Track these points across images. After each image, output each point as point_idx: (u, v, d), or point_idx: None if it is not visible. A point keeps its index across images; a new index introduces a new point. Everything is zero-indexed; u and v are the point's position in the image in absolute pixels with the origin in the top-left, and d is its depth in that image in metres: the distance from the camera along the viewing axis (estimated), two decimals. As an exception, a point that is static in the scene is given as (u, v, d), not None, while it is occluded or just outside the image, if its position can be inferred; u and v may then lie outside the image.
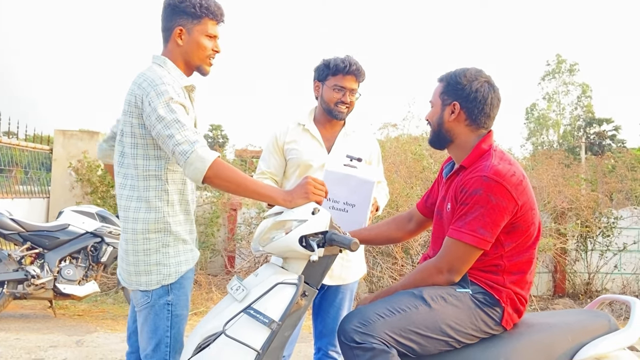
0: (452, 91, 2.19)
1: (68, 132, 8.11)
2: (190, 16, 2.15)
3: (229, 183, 1.99)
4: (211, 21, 2.19)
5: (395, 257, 6.53)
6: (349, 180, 2.57)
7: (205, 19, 2.17)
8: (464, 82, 2.16)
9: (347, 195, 2.59)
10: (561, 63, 40.54)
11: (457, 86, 2.17)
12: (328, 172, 2.57)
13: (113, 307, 6.13)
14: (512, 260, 2.08)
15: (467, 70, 2.19)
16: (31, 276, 5.24)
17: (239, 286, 1.98)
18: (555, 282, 7.48)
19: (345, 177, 2.57)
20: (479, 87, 2.15)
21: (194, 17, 2.15)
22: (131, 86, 2.09)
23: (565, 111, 40.76)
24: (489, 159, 2.08)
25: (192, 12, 2.14)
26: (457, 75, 2.19)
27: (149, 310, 2.07)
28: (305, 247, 1.92)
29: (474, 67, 2.22)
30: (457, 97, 2.17)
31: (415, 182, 6.97)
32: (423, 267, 2.14)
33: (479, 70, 2.21)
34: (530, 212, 2.08)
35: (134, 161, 2.07)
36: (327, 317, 2.86)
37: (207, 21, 2.18)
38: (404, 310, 2.00)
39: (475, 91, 2.15)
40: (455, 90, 2.18)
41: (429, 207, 2.45)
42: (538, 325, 2.13)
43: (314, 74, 2.90)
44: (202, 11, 2.15)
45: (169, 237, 2.09)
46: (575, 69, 40.44)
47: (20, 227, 5.37)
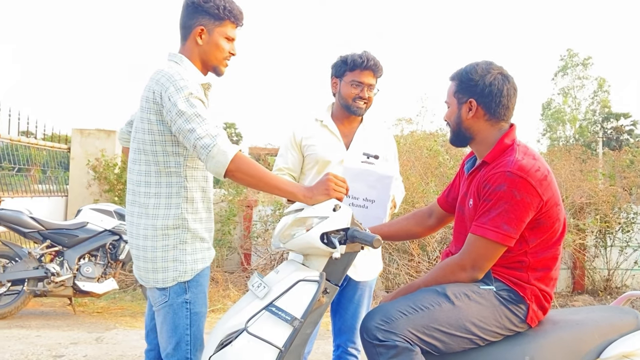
0: (465, 88, 2.16)
1: (85, 130, 8.18)
2: (212, 17, 2.16)
3: (251, 177, 1.99)
4: (232, 24, 2.21)
5: (412, 254, 6.50)
6: (368, 175, 2.56)
7: (226, 21, 2.18)
8: (476, 77, 2.13)
9: (366, 191, 2.58)
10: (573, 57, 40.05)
11: (470, 82, 2.14)
12: (347, 169, 2.56)
13: (131, 304, 6.17)
14: (537, 257, 2.05)
15: (477, 65, 2.16)
16: (51, 274, 5.29)
17: (260, 283, 1.97)
18: (574, 279, 7.40)
19: (364, 172, 2.56)
20: (492, 80, 2.12)
21: (216, 19, 2.16)
22: (148, 83, 2.09)
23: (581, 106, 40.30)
24: (513, 154, 2.04)
25: (215, 13, 2.15)
26: (468, 71, 2.16)
27: (167, 309, 2.07)
28: (327, 244, 1.91)
29: (484, 60, 2.19)
30: (472, 94, 2.14)
31: (430, 178, 6.93)
32: (445, 264, 2.12)
33: (490, 63, 2.17)
34: (555, 207, 2.04)
35: (154, 158, 2.07)
36: (346, 314, 2.85)
37: (228, 24, 2.19)
38: (427, 307, 1.98)
39: (489, 85, 2.11)
40: (468, 87, 2.15)
41: (450, 202, 2.42)
42: (564, 322, 2.10)
43: (331, 70, 2.88)
44: (225, 13, 2.16)
45: (187, 234, 2.09)
46: (588, 62, 39.93)
47: (40, 226, 5.43)
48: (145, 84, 2.12)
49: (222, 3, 2.16)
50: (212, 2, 2.14)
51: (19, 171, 7.25)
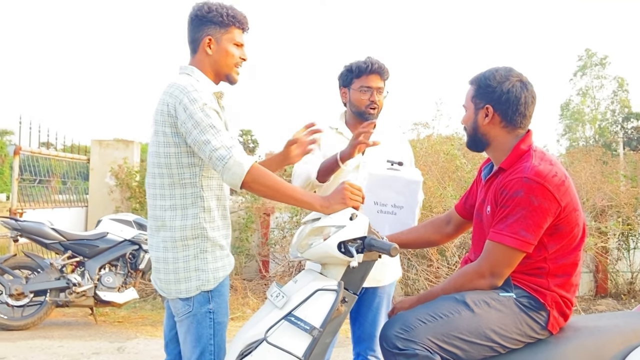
0: (483, 94, 2.15)
1: (104, 141, 8.28)
2: (218, 25, 2.18)
3: (267, 188, 2.00)
4: (238, 30, 2.22)
5: (431, 259, 6.46)
6: (395, 182, 2.55)
7: (232, 28, 2.20)
8: (494, 84, 2.11)
9: (394, 197, 2.57)
10: (591, 57, 39.61)
11: (488, 89, 2.13)
12: (372, 176, 2.55)
13: (152, 313, 6.21)
14: (557, 263, 2.03)
15: (496, 72, 2.14)
16: (72, 284, 5.36)
17: (279, 293, 1.98)
18: (597, 282, 7.30)
19: (391, 179, 2.55)
20: (510, 88, 2.10)
21: (222, 26, 2.18)
22: (162, 96, 2.11)
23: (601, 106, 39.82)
24: (529, 159, 2.03)
25: (220, 21, 2.17)
26: (487, 77, 2.14)
27: (191, 319, 2.08)
28: (344, 253, 1.91)
29: (504, 66, 2.17)
30: (489, 100, 2.13)
31: (448, 182, 6.89)
32: (464, 271, 2.10)
33: (509, 69, 2.15)
34: (574, 213, 2.02)
35: (168, 170, 2.09)
36: (365, 322, 2.84)
37: (234, 30, 2.21)
38: (446, 315, 1.97)
39: (507, 92, 2.10)
40: (486, 93, 2.14)
41: (468, 209, 2.41)
42: (586, 328, 2.07)
43: (338, 81, 2.90)
44: (229, 20, 2.18)
45: (207, 243, 2.11)
46: (605, 62, 39.44)
47: (61, 236, 5.50)
48: (158, 97, 2.14)
49: (225, 10, 2.17)
50: (214, 11, 2.17)
51: (39, 182, 7.35)
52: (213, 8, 2.17)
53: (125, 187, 7.99)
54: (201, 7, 2.19)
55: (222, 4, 2.20)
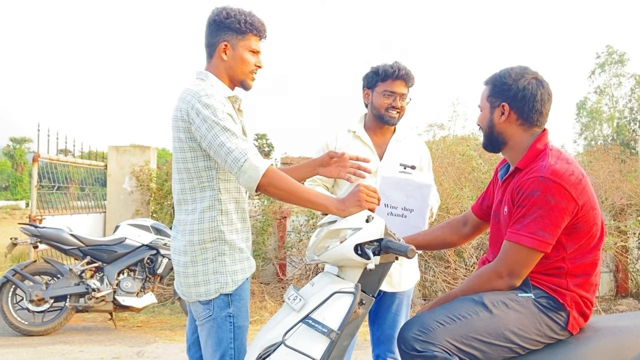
0: (499, 92, 2.14)
1: (121, 148, 8.36)
2: (235, 32, 2.19)
3: (282, 191, 2.00)
4: (255, 37, 2.23)
5: (448, 261, 6.44)
6: (406, 185, 2.56)
7: (249, 35, 2.21)
8: (510, 81, 2.11)
9: (405, 201, 2.57)
10: (611, 54, 39.12)
11: (504, 87, 2.12)
12: (384, 178, 2.55)
13: (170, 318, 6.25)
14: (576, 263, 2.01)
15: (512, 70, 2.14)
16: (92, 289, 5.41)
17: (296, 296, 1.98)
18: (617, 282, 7.22)
19: (403, 182, 2.56)
20: (526, 85, 2.09)
21: (239, 33, 2.19)
22: (176, 102, 2.13)
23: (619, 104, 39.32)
24: (545, 158, 2.01)
25: (237, 28, 2.18)
26: (502, 75, 2.14)
27: (211, 323, 2.10)
28: (361, 255, 1.91)
29: (519, 65, 2.17)
30: (505, 98, 2.12)
31: (464, 183, 6.86)
32: (482, 272, 2.09)
33: (525, 68, 2.15)
34: (592, 212, 2.00)
35: (187, 175, 2.11)
36: (384, 324, 2.84)
37: (251, 37, 2.22)
38: (464, 317, 1.96)
39: (522, 89, 2.09)
40: (502, 91, 2.13)
41: (484, 210, 2.40)
42: (606, 328, 2.05)
43: (362, 81, 2.89)
44: (246, 27, 2.19)
45: (224, 245, 2.12)
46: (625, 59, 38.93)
47: (80, 242, 5.56)
48: (174, 104, 2.16)
49: (243, 17, 2.18)
50: (233, 17, 2.17)
51: (58, 189, 7.44)
52: (232, 14, 2.18)
53: (145, 190, 8.07)
54: (220, 12, 2.20)
55: (242, 10, 2.21)
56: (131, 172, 8.16)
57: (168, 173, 8.02)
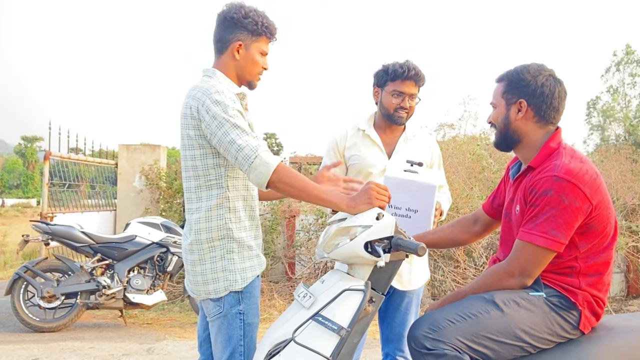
0: (516, 89, 2.12)
1: (131, 146, 8.40)
2: (250, 32, 2.19)
3: (293, 188, 1.99)
4: (267, 39, 2.25)
5: (458, 260, 6.42)
6: (410, 185, 2.53)
7: (262, 37, 2.22)
8: (529, 77, 2.09)
9: (409, 201, 2.55)
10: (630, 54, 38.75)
11: (522, 83, 2.10)
12: (388, 179, 2.54)
13: (180, 315, 6.28)
14: (588, 262, 2.00)
15: (529, 66, 2.12)
16: (102, 287, 5.45)
17: (306, 293, 1.98)
18: (628, 282, 7.16)
19: (406, 182, 2.53)
20: (544, 82, 2.08)
21: (254, 34, 2.20)
22: (185, 99, 2.13)
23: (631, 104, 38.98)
24: (559, 157, 2.00)
25: (254, 29, 2.19)
26: (520, 72, 2.12)
27: (222, 320, 2.10)
28: (371, 253, 1.90)
29: (534, 62, 2.15)
30: (523, 94, 2.10)
31: (474, 182, 6.84)
32: (493, 271, 2.08)
33: (541, 65, 2.13)
34: (606, 211, 1.99)
35: (194, 172, 2.12)
36: (394, 323, 2.83)
37: (263, 39, 2.23)
38: (475, 315, 1.95)
39: (541, 86, 2.07)
40: (519, 87, 2.11)
41: (495, 208, 2.38)
42: (618, 328, 2.03)
43: (373, 79, 2.88)
44: (262, 29, 2.20)
45: (233, 243, 2.12)
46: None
47: (90, 240, 5.59)
48: (182, 101, 2.16)
49: (260, 19, 2.19)
50: (250, 17, 2.17)
51: (69, 187, 7.49)
52: (250, 14, 2.18)
53: (155, 188, 8.11)
54: (238, 10, 2.19)
55: (257, 11, 2.21)
56: (141, 171, 8.20)
57: (177, 172, 8.06)
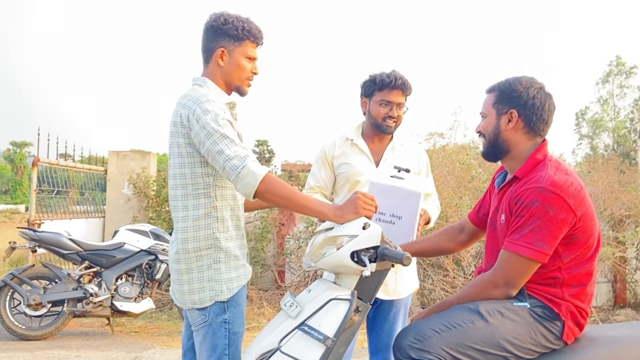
0: (507, 99, 2.15)
1: (121, 153, 8.38)
2: (232, 38, 2.19)
3: (280, 198, 2.00)
4: (252, 44, 2.24)
5: (447, 269, 6.43)
6: (395, 192, 2.54)
7: (246, 42, 2.22)
8: (521, 89, 2.12)
9: (393, 207, 2.56)
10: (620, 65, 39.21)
11: (513, 94, 2.13)
12: (373, 184, 2.55)
13: (168, 324, 6.24)
14: (571, 273, 2.02)
15: (520, 78, 2.16)
16: (90, 294, 5.41)
17: (293, 302, 1.98)
18: (615, 292, 7.21)
19: (391, 188, 2.54)
20: (535, 94, 2.11)
21: (236, 39, 2.20)
22: (175, 107, 2.14)
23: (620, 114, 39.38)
24: (545, 169, 2.02)
25: (235, 35, 2.19)
26: (512, 83, 2.15)
27: (206, 329, 2.10)
28: (357, 262, 1.91)
29: (525, 75, 2.19)
30: (514, 105, 2.13)
31: (464, 192, 6.87)
32: (478, 281, 2.10)
33: (532, 78, 2.17)
34: (590, 223, 2.01)
35: (182, 180, 2.11)
36: (382, 332, 2.83)
37: (248, 44, 2.22)
38: (460, 325, 1.96)
39: (532, 97, 2.11)
40: (510, 98, 2.14)
41: (481, 217, 2.40)
42: (601, 338, 2.05)
43: (360, 90, 2.90)
44: (244, 34, 2.20)
45: (220, 253, 2.12)
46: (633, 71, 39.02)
47: (78, 247, 5.56)
48: (173, 108, 2.17)
49: (241, 24, 2.19)
50: (230, 23, 2.18)
51: (57, 193, 7.45)
52: (229, 20, 2.19)
53: (143, 196, 8.07)
54: (218, 17, 2.20)
55: (240, 16, 2.22)
56: (128, 180, 8.16)
57: (166, 179, 8.03)
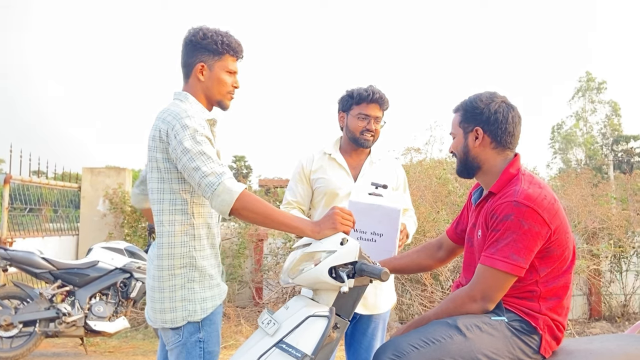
0: (471, 117, 2.18)
1: (96, 169, 8.26)
2: (211, 52, 2.18)
3: (257, 215, 1.98)
4: (231, 57, 2.23)
5: (425, 284, 6.44)
6: (374, 209, 2.55)
7: (226, 56, 2.21)
8: (482, 105, 2.15)
9: (374, 225, 2.57)
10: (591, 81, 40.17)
11: (475, 111, 2.17)
12: (352, 203, 2.55)
13: (143, 343, 6.13)
14: (548, 286, 2.03)
15: (481, 95, 2.19)
16: (62, 314, 5.28)
17: (270, 320, 1.96)
18: (590, 305, 7.29)
19: (370, 206, 2.55)
20: (497, 108, 2.14)
21: (216, 54, 2.19)
22: (155, 122, 2.11)
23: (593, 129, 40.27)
24: (519, 183, 2.05)
25: (214, 49, 2.18)
26: (473, 100, 2.19)
27: (180, 348, 2.06)
28: (335, 278, 1.90)
29: (487, 90, 2.22)
30: (478, 122, 2.16)
31: (441, 206, 6.91)
32: (456, 296, 2.10)
33: (493, 93, 2.21)
34: (564, 235, 2.03)
35: (160, 196, 2.09)
36: (360, 348, 2.82)
37: (227, 57, 2.21)
38: (438, 340, 1.96)
39: (494, 112, 2.14)
40: (474, 116, 2.17)
41: (459, 233, 2.41)
42: (577, 352, 2.06)
43: (338, 105, 2.92)
44: (223, 48, 2.19)
45: (195, 272, 2.08)
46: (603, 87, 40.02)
47: (51, 265, 5.44)
48: (152, 123, 2.14)
49: (220, 38, 2.18)
50: (209, 38, 2.17)
51: (30, 211, 7.30)
52: (208, 35, 2.17)
53: (119, 212, 7.96)
54: (196, 32, 2.19)
55: (218, 30, 2.21)
56: (104, 195, 8.05)
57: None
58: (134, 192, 2.63)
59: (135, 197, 2.63)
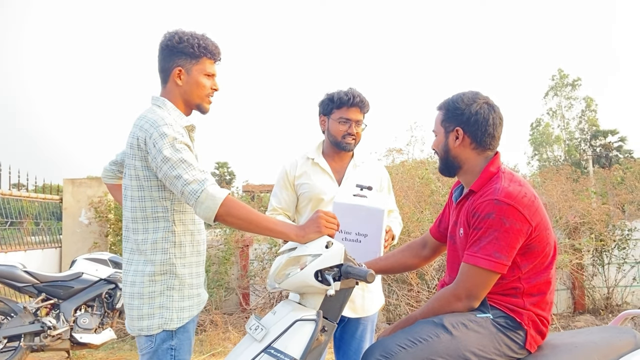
0: (452, 117, 2.20)
1: (77, 180, 8.19)
2: (188, 56, 2.17)
3: (241, 220, 1.98)
4: (209, 60, 2.21)
5: (411, 284, 6.47)
6: (359, 210, 2.56)
7: (203, 59, 2.19)
8: (463, 106, 2.17)
9: (358, 226, 2.58)
10: (564, 78, 40.68)
11: (457, 111, 2.18)
12: (337, 204, 2.56)
13: (130, 354, 6.08)
14: (531, 282, 2.06)
15: (464, 95, 2.20)
16: (47, 327, 5.21)
17: (258, 325, 1.96)
18: (574, 299, 7.38)
19: (355, 207, 2.56)
20: (478, 109, 2.16)
21: (193, 57, 2.17)
22: (132, 129, 2.09)
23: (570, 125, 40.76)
24: (499, 181, 2.07)
25: (191, 52, 2.16)
26: (455, 100, 2.20)
27: (151, 355, 2.04)
28: (321, 281, 1.91)
29: (471, 90, 2.23)
30: (459, 122, 2.18)
31: (424, 206, 6.96)
32: (441, 295, 2.12)
33: (476, 93, 2.22)
34: (545, 232, 2.06)
35: (140, 203, 2.07)
36: (349, 350, 2.83)
37: (205, 60, 2.20)
38: (425, 339, 1.97)
39: (475, 113, 2.15)
40: (455, 116, 2.19)
41: (442, 231, 2.44)
42: (563, 345, 2.09)
43: (318, 108, 2.93)
44: (200, 51, 2.17)
45: (175, 280, 2.08)
46: (577, 84, 40.55)
47: (34, 279, 5.37)
48: (129, 129, 2.12)
49: (196, 41, 2.16)
50: (185, 41, 2.15)
51: (11, 225, 7.22)
52: (184, 38, 2.15)
53: (104, 221, 7.89)
54: (172, 36, 2.17)
55: (194, 33, 2.19)
56: (89, 204, 7.98)
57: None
58: (106, 168, 2.56)
59: (106, 172, 2.56)
